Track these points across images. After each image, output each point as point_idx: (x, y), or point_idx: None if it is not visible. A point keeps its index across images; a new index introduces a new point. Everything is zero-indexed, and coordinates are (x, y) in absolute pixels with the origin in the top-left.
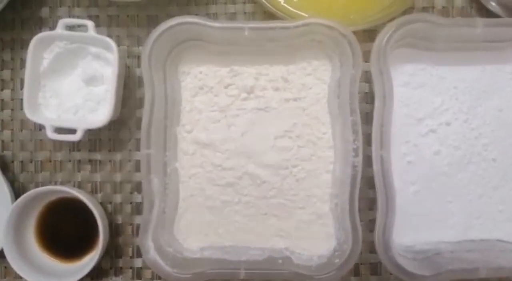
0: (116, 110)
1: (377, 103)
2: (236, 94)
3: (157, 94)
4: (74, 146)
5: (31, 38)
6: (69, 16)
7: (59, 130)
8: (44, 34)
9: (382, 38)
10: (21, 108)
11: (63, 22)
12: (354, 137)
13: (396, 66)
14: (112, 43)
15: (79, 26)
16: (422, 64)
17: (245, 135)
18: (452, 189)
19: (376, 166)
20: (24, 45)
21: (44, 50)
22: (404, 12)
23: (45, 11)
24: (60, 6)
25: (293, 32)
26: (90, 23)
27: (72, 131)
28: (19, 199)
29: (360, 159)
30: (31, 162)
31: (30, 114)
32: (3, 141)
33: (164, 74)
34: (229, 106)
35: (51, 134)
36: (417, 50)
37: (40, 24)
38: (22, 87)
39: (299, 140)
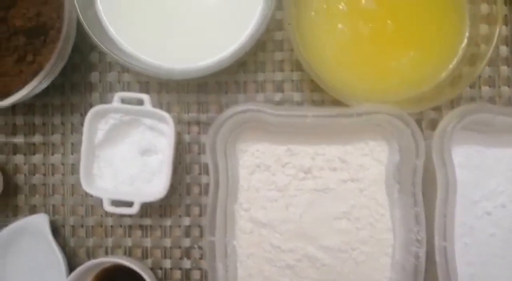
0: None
1: (440, 194)
2: (293, 173)
3: (221, 178)
4: None
5: (81, 103)
6: (119, 81)
7: (116, 201)
8: (100, 107)
9: (444, 129)
10: (72, 173)
11: (119, 95)
12: (418, 228)
13: (451, 148)
14: (168, 117)
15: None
16: (478, 146)
17: (303, 216)
18: (508, 271)
19: (439, 258)
20: (74, 109)
21: (98, 121)
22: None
23: (94, 76)
24: (110, 71)
25: (354, 118)
26: (146, 97)
27: (129, 202)
28: (74, 273)
29: (424, 250)
30: (81, 227)
31: (86, 186)
32: (53, 206)
33: (225, 155)
34: (287, 186)
35: (108, 207)
36: (472, 132)
37: (90, 88)
38: (72, 152)
39: (358, 222)
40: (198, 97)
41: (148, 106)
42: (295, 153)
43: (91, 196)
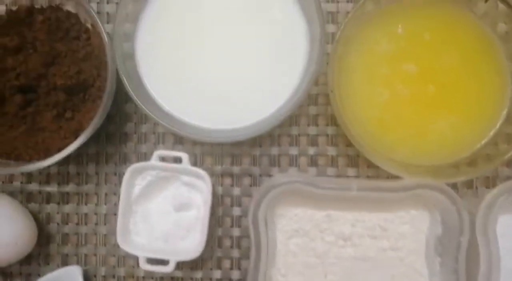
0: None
1: (483, 268)
2: (332, 240)
3: (262, 243)
4: None
5: (115, 153)
6: (154, 132)
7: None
8: (138, 165)
9: (489, 207)
10: (104, 223)
11: (157, 154)
12: None
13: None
14: (205, 175)
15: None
16: None
17: None
18: None
19: None
20: (109, 159)
21: (136, 178)
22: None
23: (130, 127)
24: (145, 123)
25: (399, 193)
26: (184, 156)
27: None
28: None
29: None
30: (113, 277)
31: (123, 243)
32: (85, 255)
33: (264, 219)
34: (326, 253)
35: (143, 265)
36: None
37: (125, 139)
38: (106, 202)
39: None
40: (232, 149)
41: (186, 164)
42: (334, 219)
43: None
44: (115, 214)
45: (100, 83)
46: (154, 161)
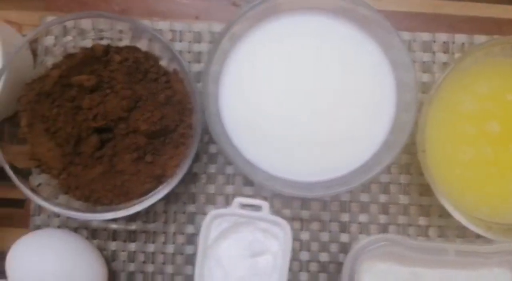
0: None
1: None
2: None
3: None
4: None
5: (184, 191)
6: (222, 173)
7: None
8: (218, 211)
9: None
10: (172, 262)
11: (238, 201)
12: None
13: None
14: (285, 224)
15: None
16: None
17: None
18: None
19: None
20: (178, 198)
21: (212, 222)
22: None
23: (198, 166)
24: (215, 163)
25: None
26: (265, 204)
27: None
28: None
29: None
30: None
31: None
32: None
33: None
34: None
35: None
36: None
37: (194, 179)
38: (174, 241)
39: None
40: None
41: (266, 212)
42: (420, 276)
43: None
44: (182, 254)
45: (184, 130)
46: (234, 208)
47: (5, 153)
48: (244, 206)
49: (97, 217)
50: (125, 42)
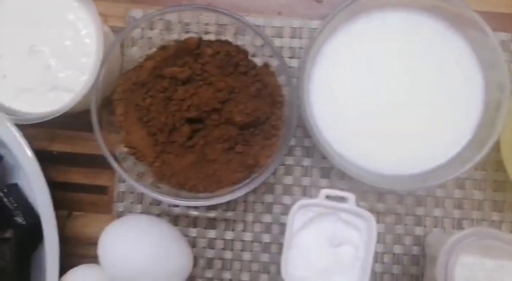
0: None
1: None
2: None
3: None
4: None
5: (264, 181)
6: (301, 164)
7: None
8: (305, 201)
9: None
10: (251, 250)
11: (324, 192)
12: None
13: None
14: (371, 217)
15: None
16: None
17: None
18: None
19: None
20: (257, 188)
21: (297, 212)
22: None
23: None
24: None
25: None
26: (351, 196)
27: None
28: None
29: None
30: None
31: (286, 276)
32: (230, 280)
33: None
34: None
35: None
36: None
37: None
38: (252, 229)
39: None
40: None
41: (352, 205)
42: (507, 270)
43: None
44: (260, 242)
45: (275, 122)
46: (320, 199)
47: (104, 140)
48: (329, 197)
49: (194, 204)
50: (210, 36)
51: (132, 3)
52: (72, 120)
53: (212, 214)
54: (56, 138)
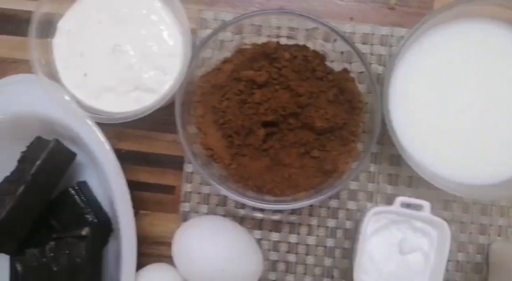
0: None
1: None
2: None
3: None
4: None
5: None
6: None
7: None
8: (381, 208)
9: None
10: (315, 254)
11: (400, 200)
12: None
13: None
14: (445, 226)
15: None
16: None
17: None
18: None
19: None
20: None
21: (370, 219)
22: None
23: None
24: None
25: None
26: (426, 204)
27: None
28: None
29: None
30: None
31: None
32: None
33: None
34: None
35: None
36: None
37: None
38: (317, 233)
39: None
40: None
41: (427, 212)
42: None
43: None
44: (324, 246)
45: (354, 128)
46: (396, 206)
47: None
48: (403, 205)
49: (273, 208)
50: (281, 39)
51: (204, 5)
52: (140, 120)
53: (277, 216)
54: (124, 137)
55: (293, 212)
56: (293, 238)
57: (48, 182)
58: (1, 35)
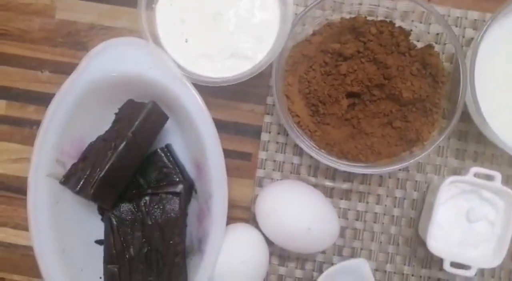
0: None
1: None
2: None
3: None
4: None
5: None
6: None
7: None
8: (456, 178)
9: None
10: (395, 224)
11: (474, 170)
12: None
13: None
14: None
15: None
16: None
17: None
18: None
19: None
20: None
21: (444, 188)
22: None
23: None
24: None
25: None
26: (498, 175)
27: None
28: None
29: None
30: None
31: (432, 246)
32: (370, 251)
33: None
34: None
35: (448, 268)
36: None
37: None
38: (398, 205)
39: None
40: None
41: (498, 183)
42: None
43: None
44: (391, 215)
45: (437, 100)
46: (470, 176)
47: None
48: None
49: (361, 171)
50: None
51: None
52: (221, 89)
53: (346, 185)
54: (206, 105)
55: (362, 181)
56: (361, 207)
57: (144, 141)
58: (90, 1)
